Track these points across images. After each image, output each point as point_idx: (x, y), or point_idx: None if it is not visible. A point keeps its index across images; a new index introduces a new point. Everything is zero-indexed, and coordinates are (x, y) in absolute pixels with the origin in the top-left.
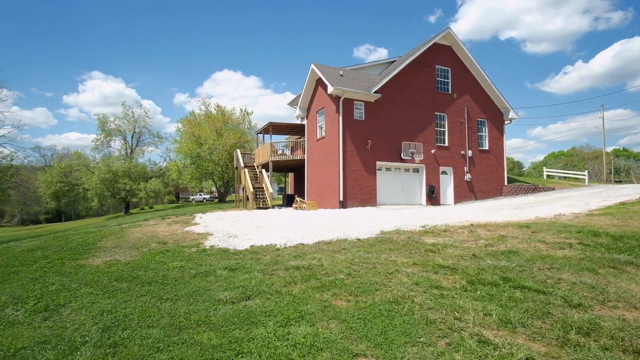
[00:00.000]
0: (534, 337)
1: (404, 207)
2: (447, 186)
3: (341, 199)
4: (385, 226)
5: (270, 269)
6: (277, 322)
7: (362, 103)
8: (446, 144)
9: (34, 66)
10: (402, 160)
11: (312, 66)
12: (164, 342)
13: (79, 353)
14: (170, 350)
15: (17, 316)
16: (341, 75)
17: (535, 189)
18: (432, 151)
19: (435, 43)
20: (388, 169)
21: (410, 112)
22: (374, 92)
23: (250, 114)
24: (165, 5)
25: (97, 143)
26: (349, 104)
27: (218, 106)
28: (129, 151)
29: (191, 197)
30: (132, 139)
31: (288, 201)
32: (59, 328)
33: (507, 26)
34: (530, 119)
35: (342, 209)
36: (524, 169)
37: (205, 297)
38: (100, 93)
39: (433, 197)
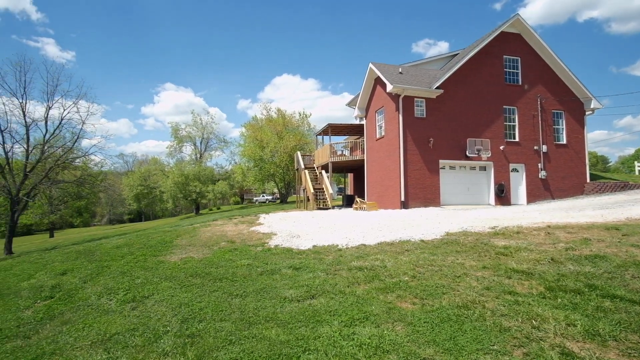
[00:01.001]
0: (630, 354)
1: (470, 207)
2: (519, 184)
3: (402, 199)
4: (451, 227)
5: (333, 269)
6: (341, 321)
7: (423, 100)
8: (516, 139)
9: (118, 82)
10: (468, 158)
11: (370, 65)
12: (235, 336)
13: (162, 341)
14: (242, 344)
15: (110, 305)
16: (400, 72)
17: (624, 187)
18: (501, 147)
19: (502, 32)
20: (452, 168)
21: (476, 107)
22: (436, 88)
23: (309, 117)
24: (228, 17)
25: (171, 149)
26: (409, 101)
27: (278, 110)
28: (198, 156)
29: (254, 198)
30: (201, 144)
31: (348, 202)
32: (144, 317)
33: (586, 6)
34: (616, 108)
35: (403, 210)
36: (610, 164)
37: (271, 295)
38: (173, 103)
39: (502, 196)
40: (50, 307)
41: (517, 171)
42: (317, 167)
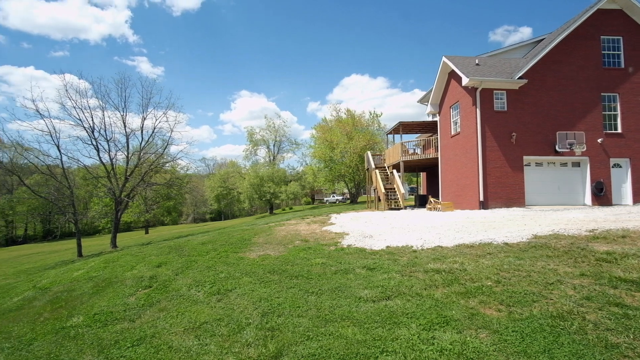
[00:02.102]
0: None
1: (560, 208)
2: (622, 182)
3: (481, 199)
4: (539, 229)
5: (409, 271)
6: (420, 324)
7: (504, 92)
8: (619, 130)
9: (199, 92)
10: (557, 154)
11: (444, 59)
12: (313, 332)
13: (245, 332)
14: (319, 340)
15: (198, 296)
16: (477, 64)
17: None
18: (599, 140)
19: (599, 9)
20: (538, 164)
21: (566, 96)
22: (518, 78)
23: (379, 116)
24: (296, 24)
25: (247, 152)
26: (487, 94)
27: (348, 110)
28: (271, 158)
29: (325, 199)
30: (273, 147)
31: (420, 202)
32: (228, 309)
33: None
34: None
35: (482, 210)
36: None
37: (346, 294)
38: (247, 109)
39: (601, 195)
40: (149, 295)
41: (620, 167)
42: (388, 167)
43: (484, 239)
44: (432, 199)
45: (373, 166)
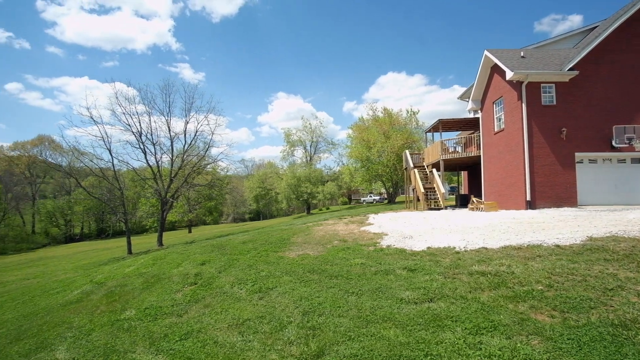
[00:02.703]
0: None
1: (618, 208)
2: None
3: (528, 198)
4: (594, 231)
5: (452, 273)
6: (465, 328)
7: (552, 85)
8: None
9: (238, 95)
10: (614, 149)
11: (486, 53)
12: (354, 332)
13: (287, 330)
14: (361, 341)
15: (240, 294)
16: (522, 56)
17: None
18: None
19: None
20: (592, 161)
21: (624, 87)
22: (568, 70)
23: (417, 114)
24: (331, 25)
25: (284, 153)
26: (534, 88)
27: (385, 109)
28: (308, 158)
29: (362, 199)
30: (310, 147)
31: (462, 202)
32: (270, 307)
33: None
34: None
35: (529, 210)
36: None
37: (387, 295)
38: (284, 110)
39: None
40: (194, 292)
41: None
42: (427, 166)
43: (533, 240)
44: (474, 199)
45: (411, 165)
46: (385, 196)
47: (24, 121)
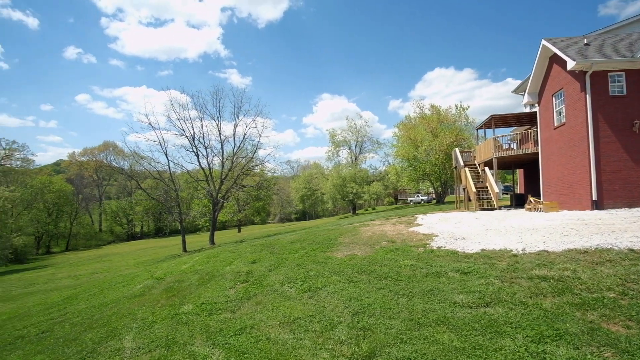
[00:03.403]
0: None
1: None
2: None
3: (594, 198)
4: None
5: (509, 277)
6: (527, 336)
7: (622, 73)
8: None
9: (283, 98)
10: None
11: (543, 42)
12: (406, 335)
13: (337, 330)
14: (413, 344)
15: (290, 292)
16: (586, 44)
17: None
18: None
19: None
20: None
21: None
22: None
23: (467, 110)
24: (376, 22)
25: (329, 154)
26: (600, 77)
27: (432, 106)
28: (353, 159)
29: (409, 199)
30: (355, 147)
31: (517, 201)
32: (319, 306)
33: None
34: None
35: (595, 211)
36: None
37: (440, 298)
38: (329, 111)
39: None
40: (246, 289)
41: None
42: (479, 164)
43: (602, 243)
44: (531, 198)
45: (462, 164)
46: (434, 196)
47: (92, 129)
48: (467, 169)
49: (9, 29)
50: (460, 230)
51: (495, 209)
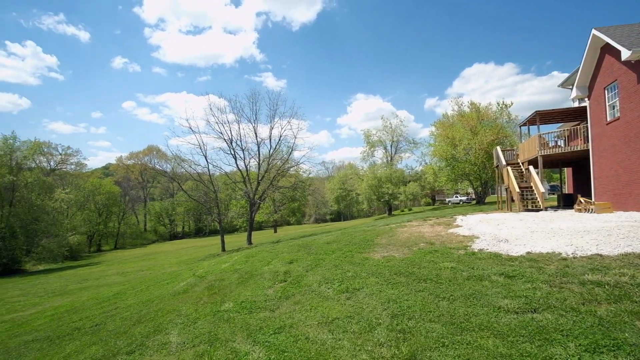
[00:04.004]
0: None
1: None
2: None
3: None
4: None
5: (559, 281)
6: (580, 345)
7: None
8: None
9: (318, 99)
10: None
11: (594, 32)
12: (448, 339)
13: (376, 332)
14: (456, 348)
15: (328, 293)
16: None
17: None
18: None
19: None
20: None
21: None
22: None
23: (509, 106)
24: (411, 19)
25: (364, 154)
26: None
27: (472, 103)
28: (389, 159)
29: (447, 199)
30: (391, 147)
31: (565, 202)
32: (357, 307)
33: None
34: None
35: None
36: None
37: (483, 302)
38: (363, 111)
39: None
40: (285, 289)
41: None
42: (522, 163)
43: None
44: (581, 199)
45: (504, 163)
46: (473, 196)
47: (137, 134)
48: (509, 168)
49: (64, 43)
50: (503, 232)
51: (541, 210)
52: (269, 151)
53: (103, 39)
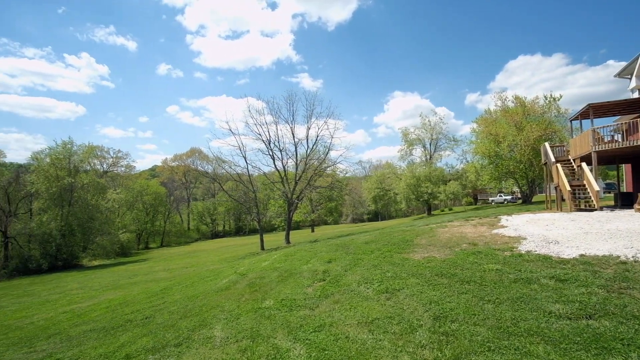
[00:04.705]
0: None
1: None
2: None
3: None
4: None
5: (617, 286)
6: None
7: None
8: None
9: (354, 98)
10: None
11: None
12: (494, 343)
13: (417, 333)
14: (503, 353)
15: (367, 293)
16: None
17: None
18: None
19: None
20: None
21: None
22: None
23: (558, 100)
24: (449, 12)
25: (402, 153)
26: None
27: (516, 98)
28: (428, 157)
29: (490, 199)
30: (430, 145)
31: (624, 201)
32: (398, 308)
33: None
34: None
35: None
36: None
37: (532, 306)
38: (400, 109)
39: None
40: (324, 288)
41: None
42: (574, 160)
43: None
44: None
45: (553, 160)
46: (519, 195)
47: (180, 136)
48: (559, 165)
49: (115, 52)
50: (553, 233)
51: (596, 210)
52: (306, 151)
53: (149, 47)
